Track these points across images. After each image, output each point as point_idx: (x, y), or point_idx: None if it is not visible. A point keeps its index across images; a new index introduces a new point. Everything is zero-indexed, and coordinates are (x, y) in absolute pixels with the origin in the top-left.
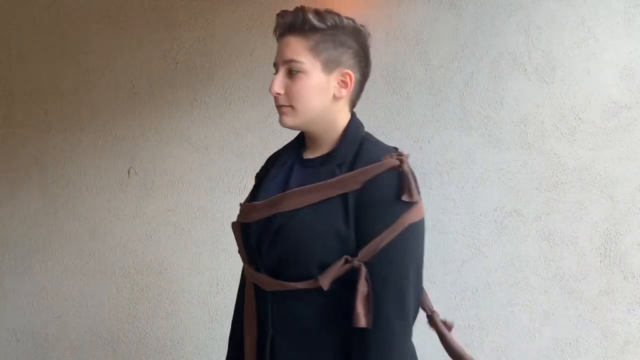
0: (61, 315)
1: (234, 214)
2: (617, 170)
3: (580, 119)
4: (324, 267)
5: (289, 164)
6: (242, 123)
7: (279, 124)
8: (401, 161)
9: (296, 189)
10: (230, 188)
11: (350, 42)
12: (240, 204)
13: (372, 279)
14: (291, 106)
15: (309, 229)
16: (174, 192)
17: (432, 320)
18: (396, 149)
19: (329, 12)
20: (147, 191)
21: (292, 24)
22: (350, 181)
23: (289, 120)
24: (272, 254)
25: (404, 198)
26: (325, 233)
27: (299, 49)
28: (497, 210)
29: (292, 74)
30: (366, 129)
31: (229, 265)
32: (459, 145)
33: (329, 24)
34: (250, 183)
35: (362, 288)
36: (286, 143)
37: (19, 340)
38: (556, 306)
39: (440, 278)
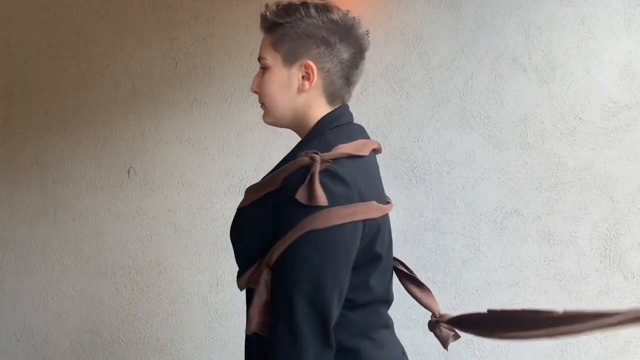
0: (61, 315)
1: (234, 214)
2: (617, 170)
3: (580, 119)
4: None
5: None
6: (242, 123)
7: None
8: (312, 159)
9: (249, 187)
10: (230, 188)
11: (318, 32)
12: None
13: (272, 284)
14: (263, 103)
15: (243, 227)
16: (174, 192)
17: (434, 327)
18: (329, 147)
19: (297, 4)
20: (147, 191)
21: (261, 22)
22: (274, 180)
23: (264, 117)
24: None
25: (297, 197)
26: (251, 232)
27: (264, 45)
28: (497, 210)
29: (262, 71)
30: (366, 129)
31: (229, 265)
32: (459, 145)
33: (289, 18)
34: (251, 183)
35: (259, 292)
36: (284, 143)
37: (19, 340)
38: (556, 306)
39: (440, 278)
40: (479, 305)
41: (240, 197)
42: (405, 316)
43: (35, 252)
